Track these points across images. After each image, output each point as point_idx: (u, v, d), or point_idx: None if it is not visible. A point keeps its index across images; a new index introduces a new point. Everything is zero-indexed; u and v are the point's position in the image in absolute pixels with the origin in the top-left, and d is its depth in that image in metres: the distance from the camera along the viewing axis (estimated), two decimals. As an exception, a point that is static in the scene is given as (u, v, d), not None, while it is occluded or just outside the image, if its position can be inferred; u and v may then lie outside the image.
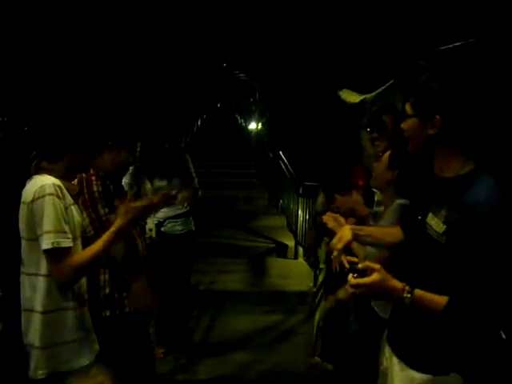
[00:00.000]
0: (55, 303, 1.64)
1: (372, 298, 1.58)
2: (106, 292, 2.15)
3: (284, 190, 7.53)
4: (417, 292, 1.39)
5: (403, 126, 1.50)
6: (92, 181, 2.15)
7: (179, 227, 3.55)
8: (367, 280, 1.37)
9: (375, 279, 1.37)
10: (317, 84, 6.60)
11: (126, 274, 2.19)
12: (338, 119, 5.01)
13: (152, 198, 2.21)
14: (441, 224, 1.41)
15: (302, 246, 5.82)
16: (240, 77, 14.10)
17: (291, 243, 6.02)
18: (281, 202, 7.92)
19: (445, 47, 2.87)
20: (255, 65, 10.64)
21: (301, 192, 5.86)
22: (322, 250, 3.54)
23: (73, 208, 1.71)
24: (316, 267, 4.39)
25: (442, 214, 1.41)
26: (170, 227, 3.48)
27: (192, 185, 3.61)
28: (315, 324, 3.49)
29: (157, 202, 2.19)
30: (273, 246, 6.06)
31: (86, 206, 2.10)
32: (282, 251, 5.95)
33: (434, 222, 1.43)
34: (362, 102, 4.03)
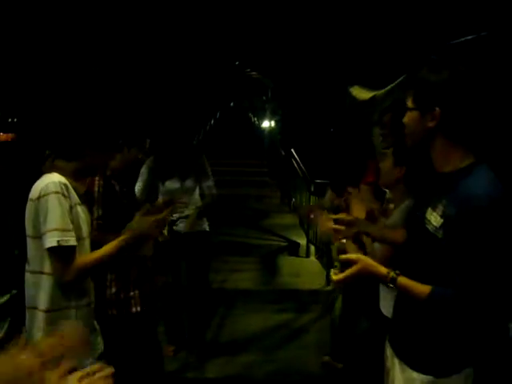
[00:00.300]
0: (58, 302, 1.64)
1: (362, 282, 1.63)
2: (113, 291, 2.16)
3: (296, 188, 7.50)
4: (400, 279, 1.42)
5: (404, 120, 1.48)
6: (94, 180, 2.15)
7: (195, 227, 3.48)
8: (347, 273, 1.48)
9: (354, 271, 1.47)
10: (328, 81, 6.56)
11: (132, 274, 2.20)
12: (348, 116, 4.97)
13: (157, 215, 1.90)
14: (438, 218, 1.39)
15: (313, 245, 5.79)
16: (252, 75, 14.09)
17: (303, 241, 5.99)
18: (293, 200, 7.89)
19: (456, 41, 2.81)
20: (267, 63, 10.63)
21: (312, 190, 5.84)
22: (334, 246, 3.49)
23: (79, 207, 1.69)
24: (330, 265, 4.36)
25: (440, 208, 1.39)
26: (182, 226, 3.46)
27: (208, 190, 3.52)
28: (337, 320, 3.37)
29: (163, 217, 1.90)
30: (285, 244, 6.04)
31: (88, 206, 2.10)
32: (293, 249, 5.93)
33: (432, 217, 1.42)
34: (372, 98, 3.99)
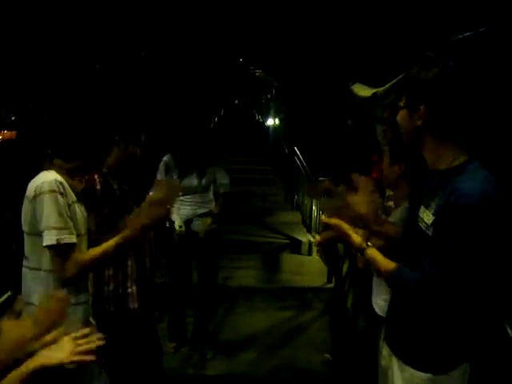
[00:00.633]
0: None
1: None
2: (110, 288, 2.18)
3: (299, 185, 7.50)
4: (369, 250, 1.52)
5: (397, 118, 1.48)
6: (94, 178, 2.16)
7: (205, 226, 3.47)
8: (324, 235, 2.05)
9: (331, 234, 1.86)
10: (330, 79, 6.55)
11: (130, 270, 2.21)
12: (350, 114, 4.95)
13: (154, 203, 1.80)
14: (430, 215, 1.39)
15: (316, 242, 5.79)
16: (256, 72, 14.09)
17: (305, 239, 5.99)
18: (296, 197, 7.90)
19: (455, 37, 2.80)
20: (271, 61, 10.63)
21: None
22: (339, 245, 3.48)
23: (76, 205, 1.69)
24: (331, 262, 4.33)
25: (432, 206, 1.39)
26: (196, 225, 3.44)
27: (223, 189, 3.52)
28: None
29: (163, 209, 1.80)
30: (287, 241, 6.05)
31: (90, 205, 2.12)
32: (296, 247, 5.93)
33: (424, 215, 1.42)
34: (373, 95, 3.97)
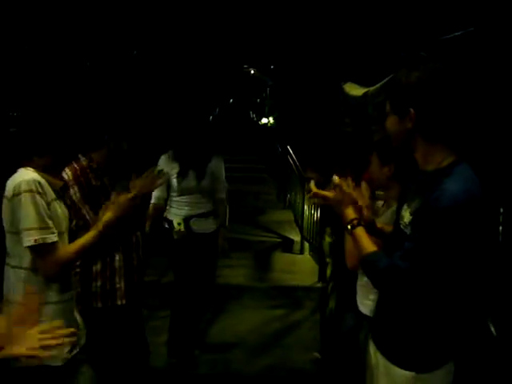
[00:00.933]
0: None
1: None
2: (98, 284, 2.17)
3: (291, 184, 7.50)
4: (358, 230, 1.50)
5: (386, 124, 1.48)
6: (88, 173, 2.17)
7: (208, 226, 3.43)
8: (326, 192, 1.65)
9: (329, 197, 1.62)
10: (322, 77, 6.56)
11: (117, 264, 2.21)
12: (346, 112, 4.96)
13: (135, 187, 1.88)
14: (408, 214, 1.39)
15: (307, 241, 5.79)
16: (251, 70, 14.09)
17: (297, 238, 6.00)
18: (288, 196, 7.90)
19: (445, 37, 2.81)
20: (265, 59, 10.64)
21: (306, 187, 5.83)
22: (325, 241, 3.48)
23: (56, 203, 1.70)
24: (322, 261, 4.35)
25: (413, 206, 1.39)
26: (196, 225, 3.34)
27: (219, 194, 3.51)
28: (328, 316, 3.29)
29: (139, 193, 1.86)
30: (279, 240, 6.04)
31: (86, 199, 2.11)
32: (287, 246, 5.93)
33: (405, 213, 1.42)
34: (364, 94, 3.98)
